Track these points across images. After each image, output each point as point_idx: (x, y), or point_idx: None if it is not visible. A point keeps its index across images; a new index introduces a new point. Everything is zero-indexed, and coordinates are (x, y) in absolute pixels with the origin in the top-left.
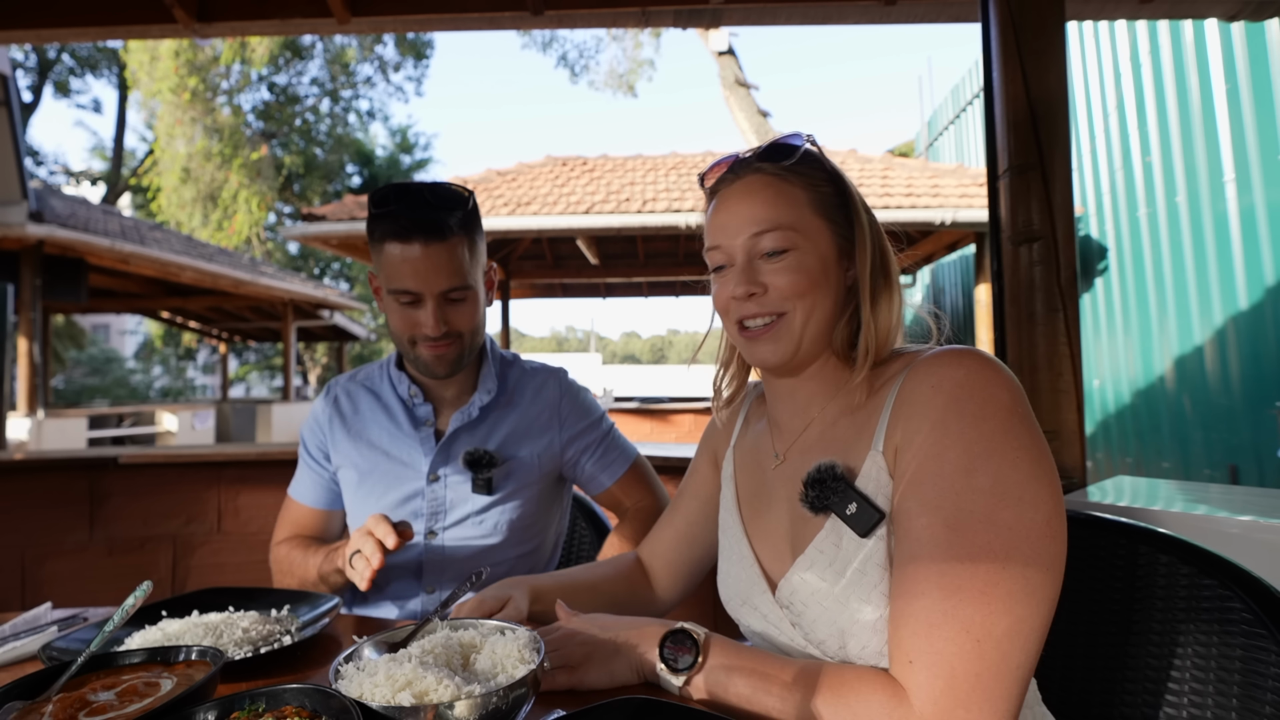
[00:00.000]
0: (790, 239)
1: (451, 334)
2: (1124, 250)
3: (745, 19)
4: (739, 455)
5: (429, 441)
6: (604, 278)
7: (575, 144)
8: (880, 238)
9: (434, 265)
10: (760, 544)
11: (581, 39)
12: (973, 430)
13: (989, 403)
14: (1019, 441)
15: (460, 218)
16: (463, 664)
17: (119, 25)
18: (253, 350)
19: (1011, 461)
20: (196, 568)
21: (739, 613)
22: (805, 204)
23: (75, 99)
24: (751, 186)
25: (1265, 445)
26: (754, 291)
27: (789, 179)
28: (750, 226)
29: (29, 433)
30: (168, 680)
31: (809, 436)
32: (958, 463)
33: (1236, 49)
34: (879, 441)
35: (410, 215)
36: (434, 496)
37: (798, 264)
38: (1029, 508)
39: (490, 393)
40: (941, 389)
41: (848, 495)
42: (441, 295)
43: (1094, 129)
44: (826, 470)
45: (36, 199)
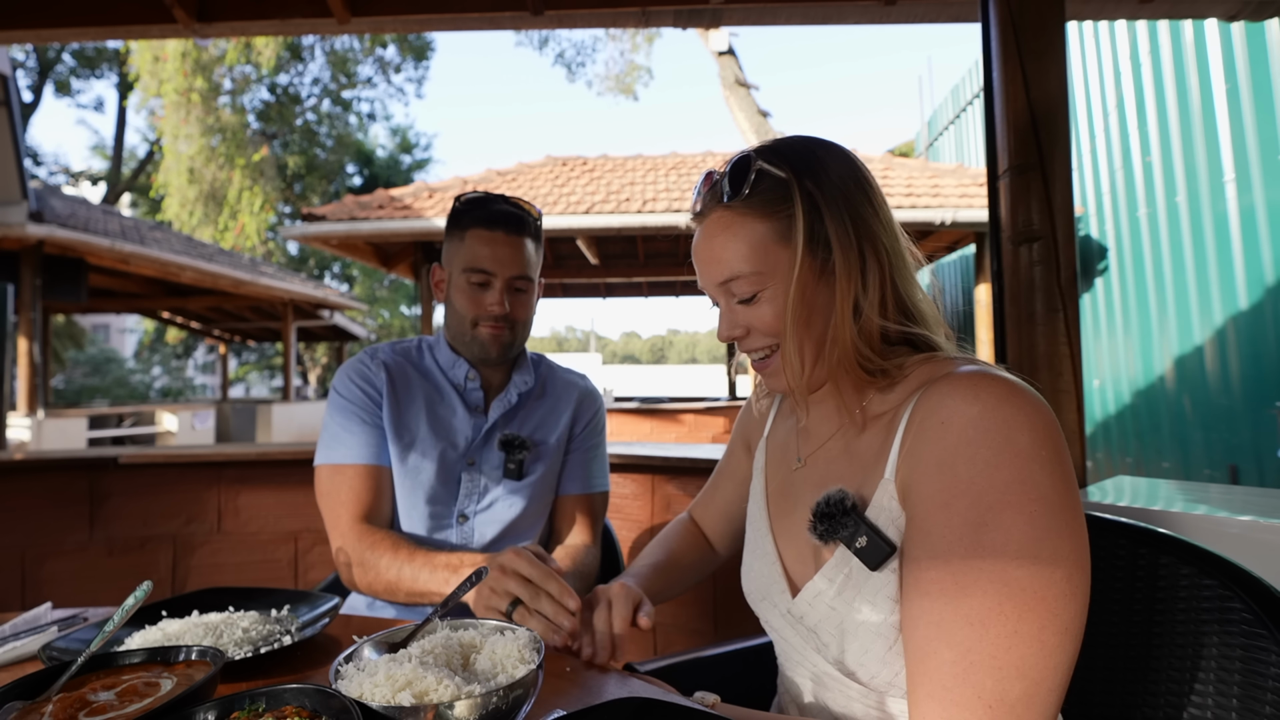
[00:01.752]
0: (756, 282)
1: (510, 319)
2: (1124, 250)
3: (745, 19)
4: (771, 448)
5: (479, 425)
6: (604, 278)
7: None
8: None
9: (511, 253)
10: (785, 543)
11: (579, 38)
12: (984, 479)
13: (1004, 448)
14: (1037, 492)
15: (533, 224)
16: (463, 664)
17: (119, 25)
18: (253, 350)
19: (1028, 516)
20: (196, 568)
21: (759, 607)
22: (766, 238)
23: (76, 99)
24: (711, 230)
25: (1265, 445)
26: (736, 335)
27: (744, 214)
28: (716, 274)
29: (29, 433)
30: (168, 680)
31: (833, 447)
32: (966, 515)
33: (1236, 49)
34: (889, 469)
35: (499, 208)
36: (470, 480)
37: (771, 302)
38: (1046, 565)
39: (528, 384)
40: (951, 427)
41: (858, 529)
42: (510, 281)
43: (1094, 129)
44: (836, 503)
45: (36, 199)
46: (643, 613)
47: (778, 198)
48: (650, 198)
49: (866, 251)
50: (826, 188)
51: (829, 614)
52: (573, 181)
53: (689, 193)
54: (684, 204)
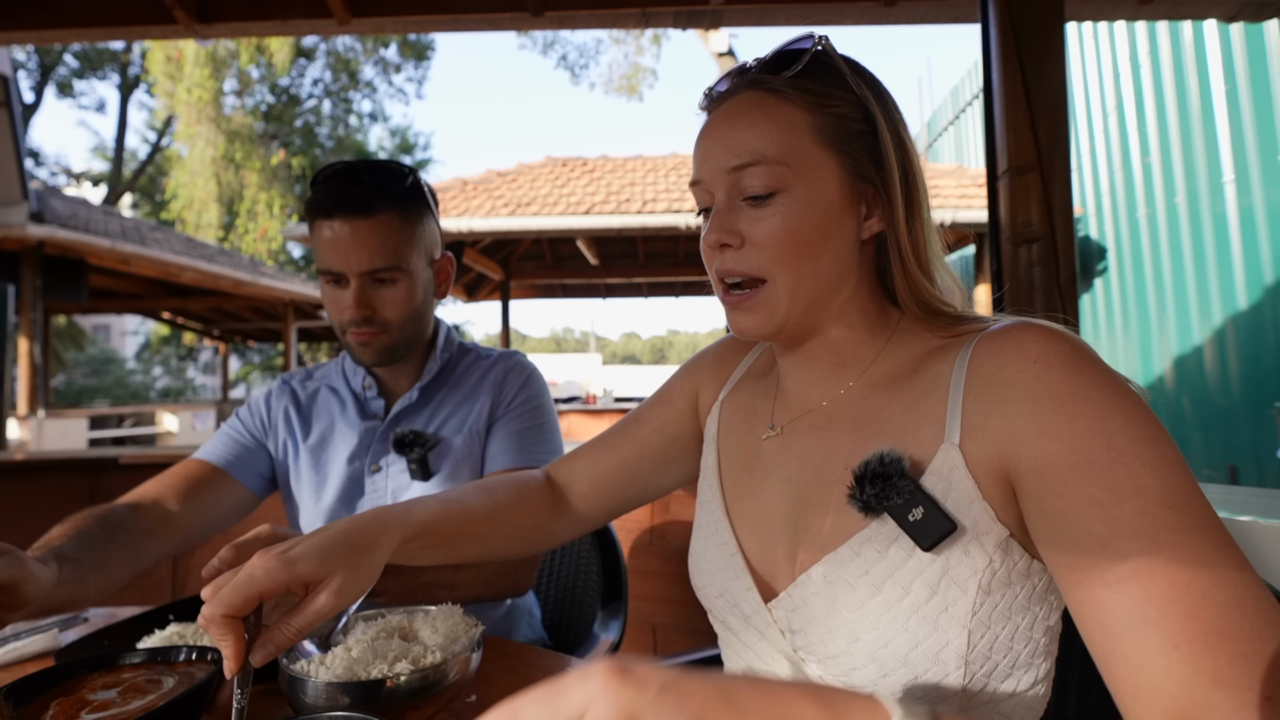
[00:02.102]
0: (779, 177)
1: (377, 321)
2: (1123, 251)
3: (745, 20)
4: (727, 411)
5: (374, 431)
6: (604, 278)
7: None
8: (916, 172)
9: (356, 242)
10: (747, 528)
11: (581, 40)
12: (1113, 417)
13: (1112, 379)
14: (1150, 419)
15: (393, 195)
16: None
17: (119, 26)
18: (255, 350)
19: (1159, 434)
20: (197, 568)
21: (713, 604)
22: (806, 130)
23: (78, 100)
24: (740, 107)
25: (1265, 445)
26: (728, 242)
27: (788, 96)
28: (729, 158)
29: (30, 433)
30: (170, 678)
31: (823, 412)
32: (1118, 443)
33: (1235, 50)
34: (952, 432)
35: (335, 190)
36: (375, 488)
37: (786, 211)
38: (1193, 490)
39: (430, 374)
40: (1051, 363)
41: (915, 497)
42: (365, 276)
43: (1094, 129)
44: (891, 463)
45: (37, 200)
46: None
47: (831, 87)
48: (650, 198)
49: (913, 189)
50: (887, 104)
51: (825, 610)
52: (573, 182)
53: (689, 193)
54: (684, 204)
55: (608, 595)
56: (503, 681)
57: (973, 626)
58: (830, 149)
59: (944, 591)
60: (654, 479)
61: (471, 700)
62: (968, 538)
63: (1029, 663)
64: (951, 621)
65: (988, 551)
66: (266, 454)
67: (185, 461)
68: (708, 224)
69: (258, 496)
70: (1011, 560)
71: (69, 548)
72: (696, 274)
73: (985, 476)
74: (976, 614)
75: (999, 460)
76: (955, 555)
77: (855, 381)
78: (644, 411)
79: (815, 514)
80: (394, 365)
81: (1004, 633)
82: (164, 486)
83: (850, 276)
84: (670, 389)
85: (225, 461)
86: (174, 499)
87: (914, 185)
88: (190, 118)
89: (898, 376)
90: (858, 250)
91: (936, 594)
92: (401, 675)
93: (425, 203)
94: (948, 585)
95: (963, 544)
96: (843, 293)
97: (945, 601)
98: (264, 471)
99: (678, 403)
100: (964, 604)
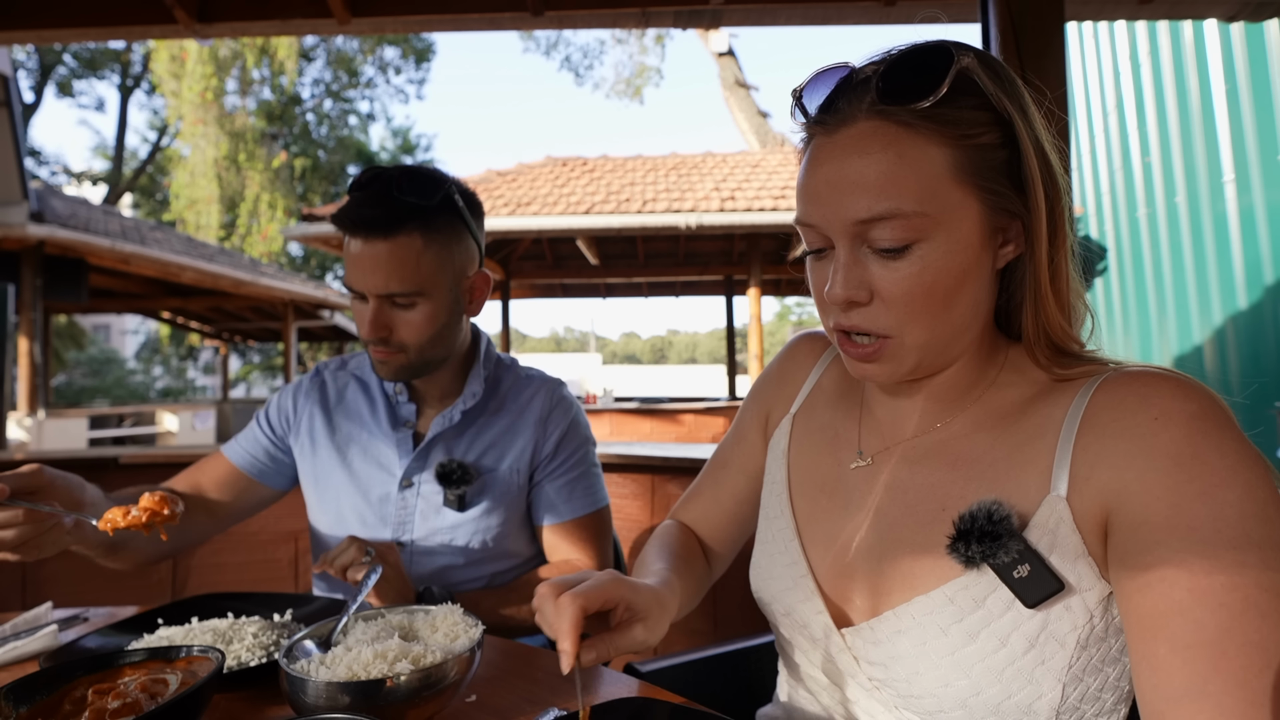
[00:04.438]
0: (916, 229)
1: (394, 343)
2: (1124, 250)
3: (745, 19)
4: (801, 428)
5: (406, 444)
6: (604, 278)
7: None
8: (1061, 193)
9: (374, 265)
10: (819, 553)
11: (584, 40)
12: (1233, 481)
13: (1238, 444)
14: (1274, 492)
15: (422, 213)
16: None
17: (119, 25)
18: (256, 350)
19: (1279, 514)
20: (197, 568)
21: (779, 620)
22: (945, 170)
23: (78, 99)
24: (863, 143)
25: (1265, 445)
26: (856, 300)
27: (922, 131)
28: (856, 208)
29: (30, 433)
30: (173, 676)
31: (919, 445)
32: (1228, 514)
33: (1236, 50)
34: (1059, 482)
35: (362, 205)
36: (404, 504)
37: (925, 264)
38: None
39: (475, 396)
40: (1173, 421)
41: (1023, 554)
42: (384, 298)
43: (1094, 129)
44: (1000, 521)
45: (37, 199)
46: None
47: (972, 113)
48: (650, 198)
49: (1058, 215)
50: (1031, 120)
51: (913, 651)
52: (573, 182)
53: (689, 193)
54: (684, 204)
55: None
56: (503, 681)
57: (1067, 680)
58: (972, 186)
59: (1042, 645)
60: (756, 514)
61: (471, 700)
62: (1071, 594)
63: (1113, 709)
64: (1047, 675)
65: (1089, 608)
66: (289, 454)
67: (214, 457)
68: (820, 268)
69: (283, 492)
70: (1110, 615)
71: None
72: (696, 274)
73: (1090, 532)
74: (1072, 668)
75: (1102, 515)
76: (1056, 611)
77: (957, 417)
78: (726, 454)
79: (904, 551)
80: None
81: (1095, 684)
82: (197, 481)
83: (981, 314)
84: (743, 424)
85: (249, 465)
86: (209, 493)
87: (1058, 210)
88: (193, 118)
89: (1005, 415)
90: (993, 285)
91: (1034, 648)
92: (401, 675)
93: (460, 218)
94: (1046, 639)
95: (1065, 600)
96: (973, 331)
97: (1043, 655)
98: (288, 472)
99: (751, 436)
100: (1061, 658)
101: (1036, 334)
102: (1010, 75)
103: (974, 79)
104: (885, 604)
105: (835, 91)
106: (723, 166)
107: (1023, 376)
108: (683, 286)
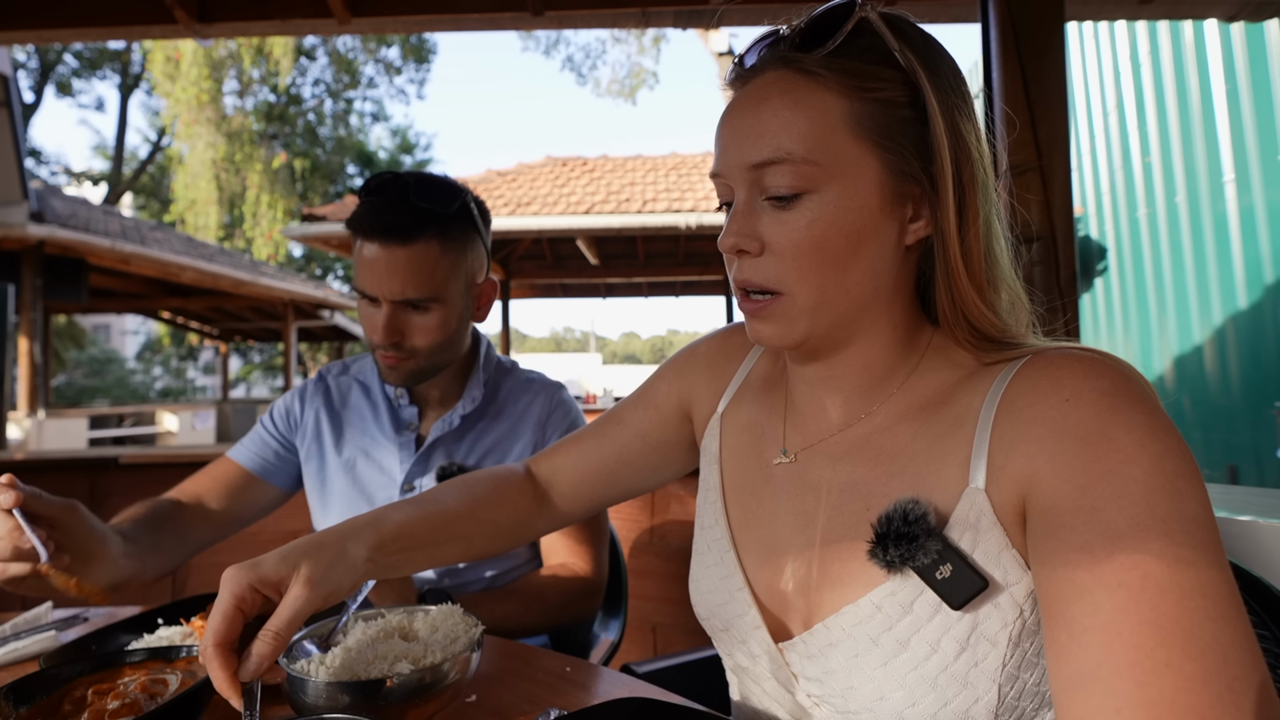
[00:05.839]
0: (806, 176)
1: (405, 348)
2: (1124, 250)
3: (745, 19)
4: (730, 428)
5: (409, 447)
6: (604, 278)
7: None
8: (974, 165)
9: (392, 270)
10: (754, 561)
11: (585, 40)
12: (1144, 459)
13: (1151, 421)
14: (1191, 470)
15: (439, 220)
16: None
17: (119, 25)
18: (256, 350)
19: (1188, 487)
20: (197, 567)
21: (718, 636)
22: (841, 120)
23: (78, 99)
24: (765, 90)
25: (1265, 445)
26: (744, 248)
27: (822, 79)
28: (750, 152)
29: (30, 433)
30: (173, 676)
31: (842, 440)
32: (1133, 490)
33: (1236, 49)
34: (977, 474)
35: (378, 210)
36: None
37: (813, 216)
38: (1207, 540)
39: (475, 401)
40: (1082, 402)
41: (943, 554)
42: (398, 303)
43: (1094, 129)
44: (916, 520)
45: (37, 199)
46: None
47: (873, 67)
48: (650, 198)
49: (968, 188)
50: (941, 82)
51: (845, 665)
52: (573, 182)
53: (689, 193)
54: (684, 204)
55: (607, 595)
56: (503, 681)
57: (1003, 680)
58: (869, 142)
59: (974, 647)
60: (637, 482)
61: (471, 700)
62: (998, 590)
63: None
64: (982, 677)
65: (1018, 602)
66: (296, 454)
67: (220, 461)
68: (727, 220)
69: (289, 494)
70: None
71: (128, 529)
72: (696, 274)
73: (1011, 523)
74: (1006, 667)
75: (1019, 504)
76: (985, 610)
77: (879, 408)
78: (625, 413)
79: (832, 554)
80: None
81: (1031, 679)
82: (201, 487)
83: (886, 289)
84: (654, 391)
85: (258, 467)
86: (211, 498)
87: (970, 182)
88: (189, 118)
89: (926, 405)
90: (899, 259)
91: (966, 650)
92: (401, 675)
93: (474, 226)
94: (978, 640)
95: (993, 598)
96: (876, 307)
97: (975, 657)
98: (294, 472)
99: (663, 408)
100: (995, 658)
101: (954, 316)
102: (926, 41)
103: (877, 31)
104: (817, 615)
105: (757, 47)
106: None
107: (946, 362)
108: (683, 286)
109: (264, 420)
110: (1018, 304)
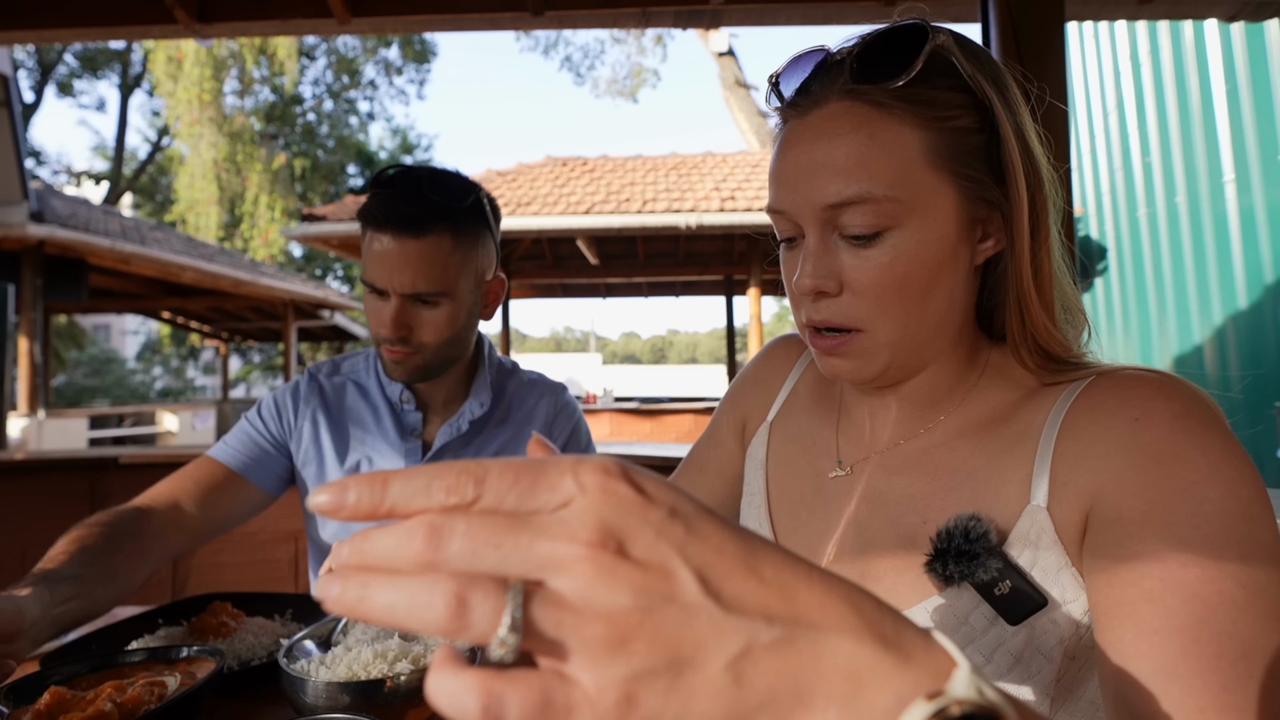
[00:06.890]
0: (888, 215)
1: (413, 343)
2: (1124, 250)
3: (745, 19)
4: (778, 436)
5: (415, 453)
6: (604, 278)
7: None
8: (1043, 181)
9: (403, 262)
10: None
11: (584, 40)
12: (1208, 469)
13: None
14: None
15: (451, 214)
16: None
17: (119, 25)
18: (256, 350)
19: (1262, 514)
20: (197, 568)
21: None
22: (919, 153)
23: (78, 99)
24: (833, 124)
25: (1265, 445)
26: (824, 290)
27: (895, 111)
28: (825, 193)
29: (30, 432)
30: (172, 678)
31: (899, 454)
32: (1208, 511)
33: (1236, 50)
34: (1039, 491)
35: (391, 202)
36: None
37: (897, 253)
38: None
39: (483, 405)
40: (1153, 421)
41: (1003, 571)
42: (408, 296)
43: (1094, 129)
44: (978, 538)
45: (37, 199)
46: None
47: (947, 94)
48: (650, 198)
49: (1040, 208)
50: (1011, 102)
51: None
52: (573, 182)
53: (689, 193)
54: (684, 204)
55: None
56: None
57: (1055, 693)
58: (947, 172)
59: (1028, 661)
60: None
61: None
62: (1055, 607)
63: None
64: (1035, 690)
65: (1075, 619)
66: (285, 455)
67: (200, 461)
68: (790, 257)
69: (273, 496)
70: None
71: (69, 566)
72: (696, 273)
73: (1071, 541)
74: (1060, 680)
75: (1082, 521)
76: (1042, 624)
77: (937, 424)
78: (702, 457)
79: (885, 566)
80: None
81: (1086, 692)
82: (177, 488)
83: (958, 313)
84: (719, 428)
85: (242, 465)
86: (188, 501)
87: (1040, 200)
88: (191, 118)
89: (985, 423)
90: (971, 282)
91: (1020, 663)
92: (401, 675)
93: (485, 222)
94: (1032, 654)
95: (1050, 614)
96: (948, 331)
97: (1029, 671)
98: (281, 473)
99: (727, 441)
100: (1049, 672)
101: (1022, 335)
102: (990, 58)
103: (950, 59)
104: None
105: (810, 75)
106: (723, 166)
107: (1006, 380)
108: (683, 286)
109: (250, 418)
110: (1079, 318)
